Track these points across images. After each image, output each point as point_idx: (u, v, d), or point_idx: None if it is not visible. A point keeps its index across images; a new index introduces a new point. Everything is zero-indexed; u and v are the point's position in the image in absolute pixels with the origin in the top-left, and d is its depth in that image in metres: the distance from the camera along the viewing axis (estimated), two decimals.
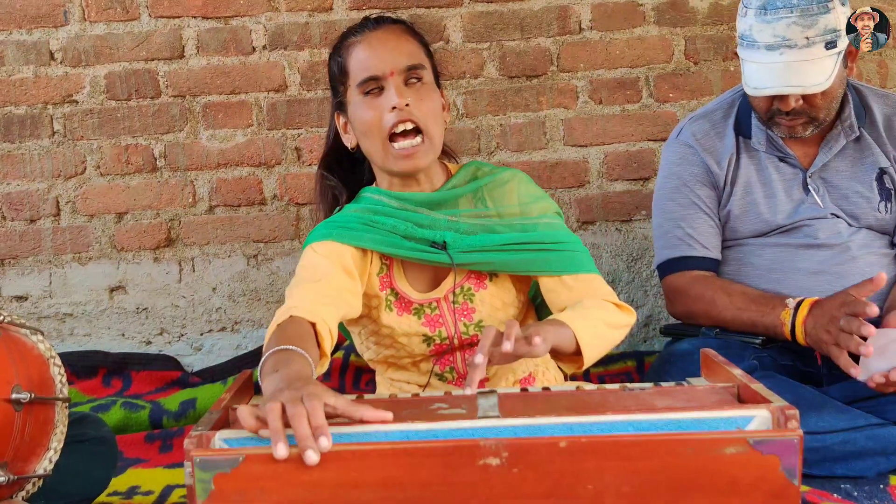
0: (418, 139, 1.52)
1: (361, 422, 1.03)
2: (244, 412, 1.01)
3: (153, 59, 2.47)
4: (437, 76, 1.62)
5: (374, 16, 1.61)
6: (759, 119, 1.88)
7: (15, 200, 2.49)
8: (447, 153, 1.72)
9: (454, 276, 1.59)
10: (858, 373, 1.57)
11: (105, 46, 2.47)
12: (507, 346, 1.23)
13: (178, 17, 2.47)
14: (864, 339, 1.56)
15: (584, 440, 0.98)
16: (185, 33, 2.47)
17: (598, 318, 1.49)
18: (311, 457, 0.95)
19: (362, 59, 1.53)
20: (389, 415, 1.03)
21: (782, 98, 1.76)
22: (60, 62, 2.47)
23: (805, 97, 1.76)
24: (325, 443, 0.96)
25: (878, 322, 1.74)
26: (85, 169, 2.49)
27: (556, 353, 1.43)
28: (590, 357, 1.44)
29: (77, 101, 2.48)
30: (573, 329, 1.41)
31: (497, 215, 1.61)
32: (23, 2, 2.45)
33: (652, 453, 0.98)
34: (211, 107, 2.48)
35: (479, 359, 1.22)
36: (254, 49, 2.48)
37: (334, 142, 1.67)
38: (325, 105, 2.47)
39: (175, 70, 2.48)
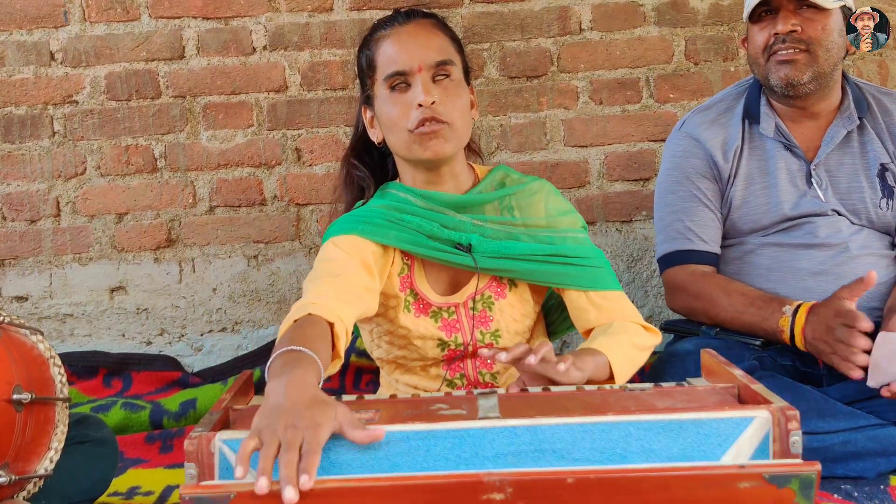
0: (442, 125, 1.49)
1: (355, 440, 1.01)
2: (243, 449, 0.97)
3: (153, 60, 2.47)
4: (467, 72, 1.60)
5: (405, 9, 1.58)
6: (757, 70, 1.89)
7: (15, 201, 2.49)
8: (474, 152, 1.71)
9: (477, 281, 1.58)
10: (868, 378, 1.57)
11: (105, 47, 2.47)
12: (532, 360, 1.24)
13: (179, 18, 2.47)
14: (865, 350, 1.57)
15: (593, 476, 0.95)
16: (186, 34, 2.47)
17: (629, 342, 1.49)
18: (289, 493, 0.92)
19: (390, 54, 1.51)
20: (382, 433, 1.01)
21: (781, 18, 1.80)
22: (61, 62, 2.47)
23: (803, 24, 1.79)
24: (305, 480, 0.92)
25: (878, 323, 1.74)
26: (85, 169, 2.49)
27: (587, 380, 1.42)
28: (620, 382, 1.43)
29: (77, 102, 2.48)
30: (608, 357, 1.41)
31: (523, 225, 1.59)
32: (23, 2, 2.46)
33: (663, 488, 0.94)
34: (211, 107, 2.49)
35: (503, 357, 1.25)
36: (254, 49, 2.48)
37: (362, 134, 1.65)
38: (326, 106, 2.48)
39: (175, 70, 2.48)
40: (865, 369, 1.57)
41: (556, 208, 1.62)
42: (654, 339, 1.56)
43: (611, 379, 1.42)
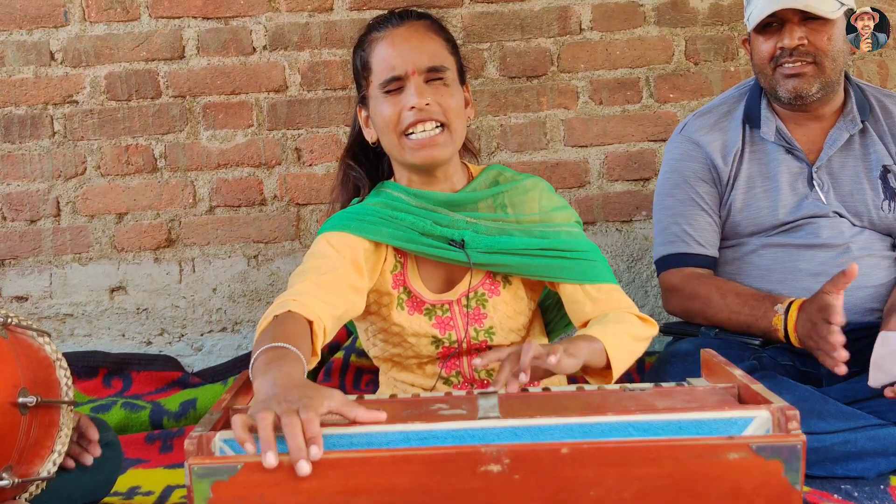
0: (437, 129, 1.50)
1: (356, 422, 1.02)
2: (237, 423, 0.99)
3: (153, 60, 2.47)
4: (462, 72, 1.60)
5: (399, 10, 1.58)
6: (763, 80, 1.88)
7: (15, 201, 2.49)
8: (470, 151, 1.71)
9: (470, 277, 1.58)
10: (869, 378, 1.57)
11: (105, 47, 2.47)
12: (524, 378, 1.23)
13: (179, 18, 2.47)
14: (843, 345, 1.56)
15: (586, 446, 0.97)
16: (186, 34, 2.47)
17: (625, 331, 1.47)
18: (304, 467, 0.94)
19: (384, 57, 1.52)
20: (383, 415, 1.02)
21: (787, 32, 1.79)
22: (61, 62, 2.47)
23: (809, 37, 1.78)
24: (315, 451, 0.94)
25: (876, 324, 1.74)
26: (85, 169, 2.49)
27: (584, 368, 1.41)
28: (618, 371, 1.42)
29: (77, 102, 2.48)
30: (604, 343, 1.40)
31: (516, 222, 1.59)
32: (23, 2, 2.46)
33: (654, 459, 0.97)
34: (211, 107, 2.49)
35: (510, 388, 1.22)
36: (254, 49, 2.48)
37: (358, 134, 1.66)
38: (326, 105, 2.48)
39: (175, 70, 2.48)
40: (846, 363, 1.57)
41: (549, 205, 1.62)
42: (650, 330, 1.55)
43: (608, 367, 1.41)
